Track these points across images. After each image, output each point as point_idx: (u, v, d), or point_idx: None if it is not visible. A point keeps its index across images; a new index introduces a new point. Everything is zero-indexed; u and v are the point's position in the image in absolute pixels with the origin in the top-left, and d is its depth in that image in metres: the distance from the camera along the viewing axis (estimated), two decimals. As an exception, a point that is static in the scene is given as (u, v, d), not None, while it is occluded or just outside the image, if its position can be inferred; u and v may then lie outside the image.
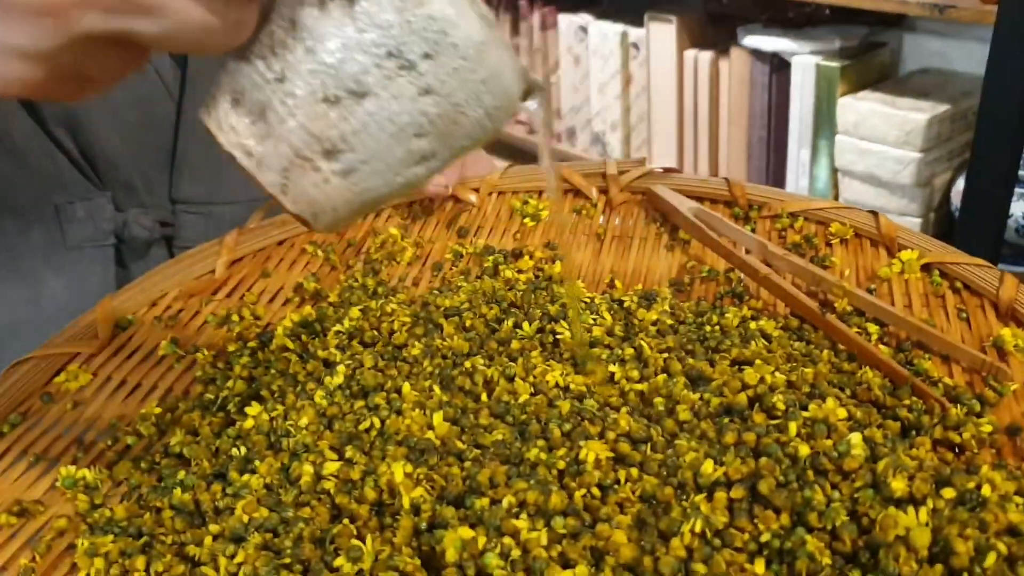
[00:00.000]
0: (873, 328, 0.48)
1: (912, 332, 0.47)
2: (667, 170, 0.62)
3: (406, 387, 0.44)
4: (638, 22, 1.76)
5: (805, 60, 1.55)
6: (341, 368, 0.46)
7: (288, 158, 0.30)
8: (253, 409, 0.44)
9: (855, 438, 0.37)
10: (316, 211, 0.31)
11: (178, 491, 0.40)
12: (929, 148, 1.45)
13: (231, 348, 0.51)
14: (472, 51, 0.29)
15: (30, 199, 0.58)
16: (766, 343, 0.46)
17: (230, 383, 0.47)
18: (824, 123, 1.57)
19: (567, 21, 1.88)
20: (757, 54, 1.63)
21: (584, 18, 1.85)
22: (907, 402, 0.42)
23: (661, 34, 1.73)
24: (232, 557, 0.37)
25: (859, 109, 1.50)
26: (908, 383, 0.43)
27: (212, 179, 0.62)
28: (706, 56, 1.70)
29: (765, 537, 0.35)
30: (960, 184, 1.44)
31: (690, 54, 1.72)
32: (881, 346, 0.46)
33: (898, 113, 1.45)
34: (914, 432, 0.41)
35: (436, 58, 0.29)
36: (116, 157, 0.58)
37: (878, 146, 1.48)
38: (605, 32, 1.82)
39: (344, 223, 0.33)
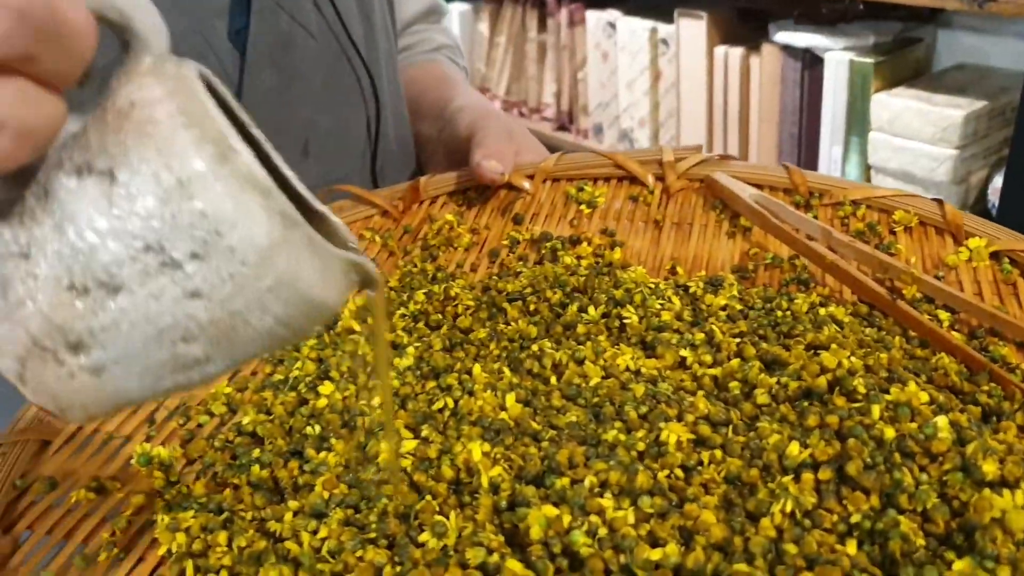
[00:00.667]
0: (944, 315, 0.47)
1: (984, 319, 0.47)
2: (723, 157, 0.62)
3: (476, 368, 0.44)
4: (667, 18, 1.75)
5: (838, 56, 1.54)
6: (411, 350, 0.46)
7: (25, 345, 0.25)
8: (326, 388, 0.44)
9: (941, 421, 0.37)
10: (62, 406, 0.26)
11: (256, 468, 0.41)
12: (965, 145, 1.44)
13: (297, 330, 0.51)
14: (253, 256, 0.24)
15: None
16: (838, 328, 0.46)
17: (299, 364, 0.47)
18: (857, 120, 1.56)
19: (595, 18, 1.88)
20: (789, 50, 1.62)
21: (612, 14, 1.84)
22: (986, 388, 0.42)
23: (691, 30, 1.72)
24: (315, 532, 0.37)
25: (893, 106, 1.48)
26: (986, 369, 0.43)
27: None
28: (737, 52, 1.69)
29: (855, 518, 0.35)
30: (997, 181, 1.43)
31: (720, 50, 1.71)
32: (954, 333, 0.46)
33: (934, 109, 1.44)
34: (995, 418, 0.40)
35: (206, 260, 0.24)
36: None
37: (913, 143, 1.47)
38: (634, 28, 1.81)
39: (103, 417, 0.28)
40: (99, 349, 0.25)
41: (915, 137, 1.47)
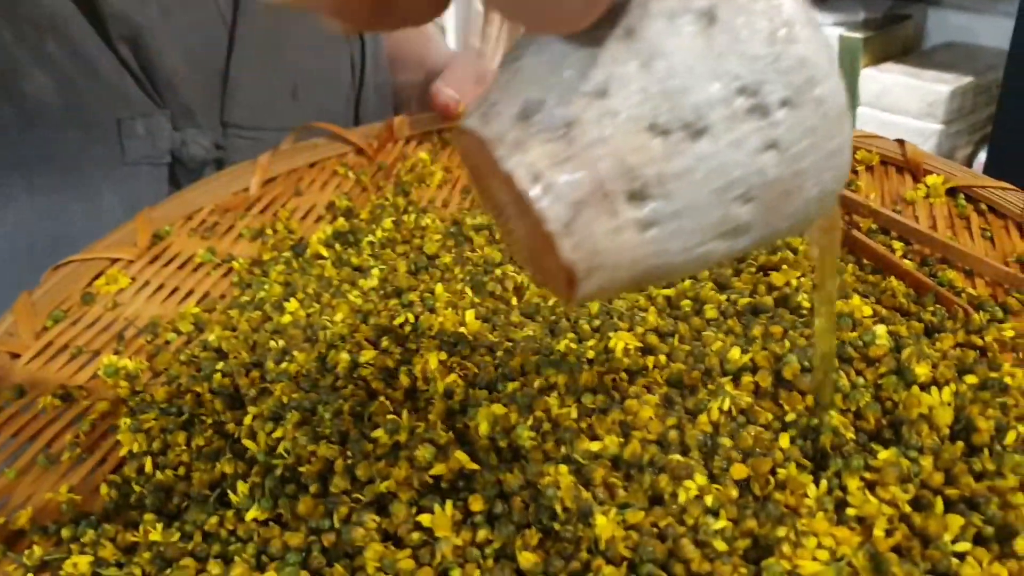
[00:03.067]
0: (898, 245, 0.48)
1: (936, 248, 0.48)
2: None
3: (439, 288, 0.45)
4: (660, -6, 1.76)
5: (828, 31, 1.55)
6: (375, 272, 0.48)
7: (588, 189, 0.23)
8: (291, 305, 0.45)
9: (880, 329, 0.38)
10: (594, 265, 0.24)
11: (218, 376, 0.42)
12: (951, 120, 1.45)
13: (266, 257, 0.52)
14: (834, 111, 0.23)
15: (96, 113, 0.59)
16: (792, 254, 0.47)
17: (266, 287, 0.48)
18: (846, 94, 1.57)
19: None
20: (780, 26, 1.63)
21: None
22: (931, 308, 0.43)
23: (683, 6, 1.73)
24: (271, 433, 0.38)
25: (882, 81, 1.49)
26: (932, 291, 0.44)
27: (262, 106, 0.64)
28: (728, 28, 1.70)
29: (790, 417, 0.36)
30: (982, 157, 1.44)
31: (712, 26, 1.72)
32: (905, 261, 0.47)
33: (921, 84, 1.45)
34: (936, 333, 0.42)
35: (795, 109, 0.23)
36: (174, 77, 0.59)
37: (900, 118, 1.48)
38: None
39: (605, 294, 0.26)
40: (659, 200, 0.23)
41: (902, 112, 1.48)
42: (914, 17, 1.61)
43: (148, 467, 0.38)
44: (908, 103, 1.47)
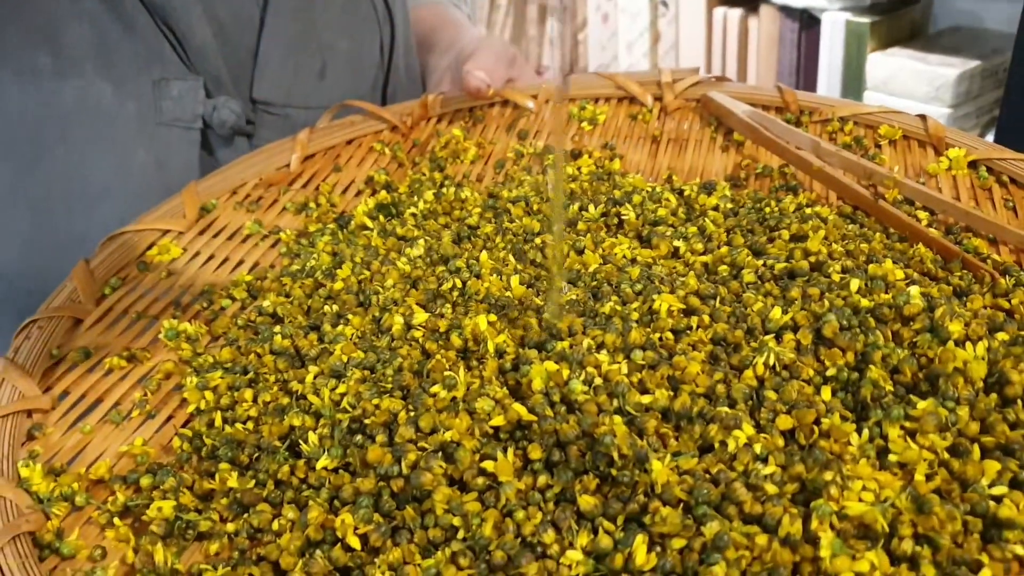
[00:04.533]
0: (923, 215, 0.50)
1: (960, 217, 0.49)
2: (719, 79, 0.65)
3: (483, 256, 0.47)
4: (669, -21, 1.77)
5: (835, 16, 1.57)
6: (421, 241, 0.49)
7: None
8: (343, 271, 0.47)
9: (914, 290, 0.40)
10: None
11: (278, 338, 0.44)
12: (958, 104, 1.47)
13: (312, 228, 0.54)
14: None
15: (131, 70, 0.60)
16: (823, 223, 0.49)
17: (315, 256, 0.50)
18: (853, 79, 1.58)
19: (597, -22, 1.90)
20: (786, 11, 1.64)
21: (614, -25, 1.86)
22: (958, 274, 0.45)
23: (691, -9, 1.75)
24: (334, 390, 0.40)
25: (889, 65, 1.51)
26: (959, 257, 0.46)
27: (290, 83, 0.65)
28: (735, 13, 1.71)
29: (831, 372, 0.38)
30: (989, 139, 1.45)
31: (719, 11, 1.73)
32: (931, 230, 0.49)
33: (928, 68, 1.46)
34: (965, 296, 0.43)
35: None
36: (206, 49, 0.61)
37: (907, 102, 1.50)
38: (635, -11, 1.83)
39: None
40: None
41: (909, 96, 1.50)
42: (921, 1, 1.63)
43: (218, 422, 0.39)
44: (915, 87, 1.48)
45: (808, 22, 1.63)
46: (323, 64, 0.67)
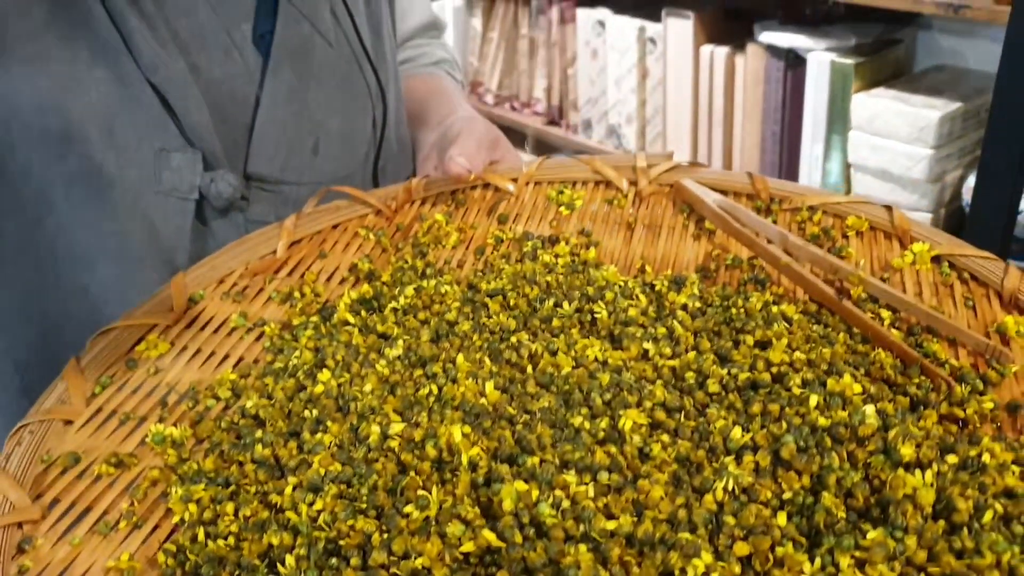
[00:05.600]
0: (886, 314, 0.52)
1: (922, 318, 0.51)
2: (693, 164, 0.67)
3: (460, 358, 0.49)
4: (655, 17, 1.79)
5: (820, 57, 1.59)
6: (400, 341, 0.51)
7: None
8: (323, 375, 0.49)
9: (869, 409, 0.42)
10: None
11: (259, 447, 0.45)
12: (941, 145, 1.49)
13: (296, 321, 0.56)
14: None
15: (134, 139, 0.62)
16: (787, 325, 0.50)
17: (297, 353, 0.52)
18: (838, 119, 1.60)
19: (585, 15, 1.92)
20: (773, 50, 1.66)
21: (602, 13, 1.88)
22: (916, 380, 0.47)
23: (678, 29, 1.77)
24: (312, 504, 0.41)
25: (873, 106, 1.53)
26: (917, 363, 0.48)
27: (284, 160, 0.67)
28: (722, 52, 1.73)
29: (788, 495, 0.39)
30: (971, 180, 1.47)
31: (706, 49, 1.75)
32: (893, 330, 0.51)
33: (911, 110, 1.48)
34: (922, 407, 0.45)
35: None
36: (202, 127, 0.63)
37: (891, 142, 1.52)
38: (622, 27, 1.85)
39: None
40: None
41: (893, 136, 1.52)
42: (904, 41, 1.65)
43: (200, 537, 0.41)
44: (899, 128, 1.51)
45: (794, 61, 1.65)
46: (316, 141, 0.69)
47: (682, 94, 1.81)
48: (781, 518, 0.38)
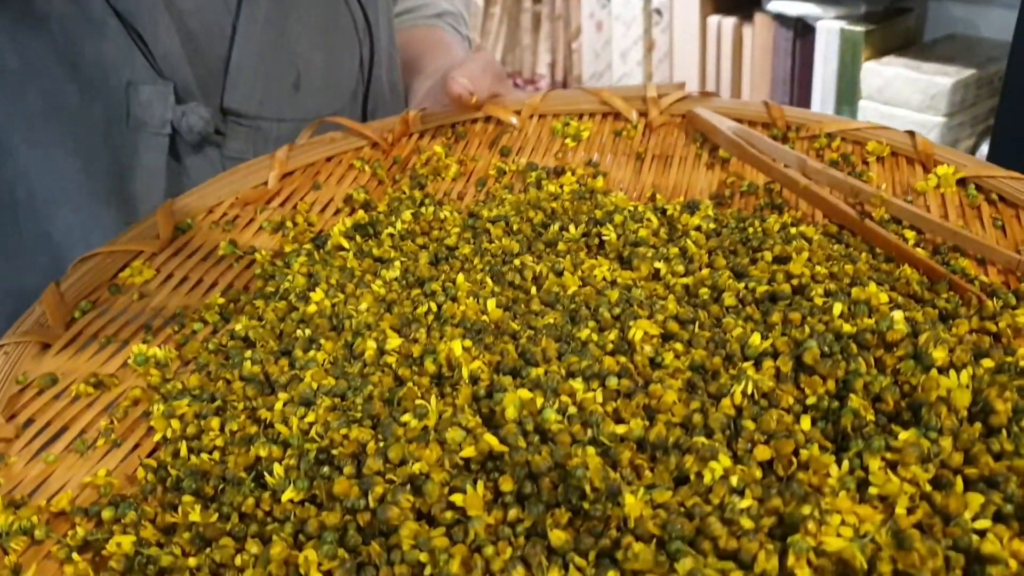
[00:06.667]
0: (910, 234, 0.49)
1: (948, 237, 0.49)
2: (704, 94, 0.64)
3: (460, 278, 0.46)
4: (663, -12, 1.77)
5: (830, 25, 1.56)
6: (397, 263, 0.48)
7: None
8: (316, 295, 0.46)
9: (898, 315, 0.39)
10: None
11: (248, 364, 0.43)
12: (953, 113, 1.46)
13: (288, 249, 0.53)
14: None
15: (99, 73, 0.59)
16: (807, 244, 0.48)
17: (289, 278, 0.49)
18: (847, 88, 1.57)
19: (591, -12, 1.89)
20: (781, 19, 1.64)
21: (608, -16, 1.86)
22: (945, 296, 0.44)
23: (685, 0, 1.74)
24: (303, 418, 0.39)
25: (883, 74, 1.50)
26: (946, 279, 0.45)
27: (263, 94, 0.64)
28: (729, 22, 1.70)
29: (811, 400, 0.37)
30: (984, 149, 1.45)
31: (713, 20, 1.72)
32: (918, 249, 0.48)
33: (923, 77, 1.46)
34: (951, 320, 0.42)
35: None
36: (174, 57, 0.60)
37: (902, 111, 1.49)
38: (629, -2, 1.83)
39: None
40: None
41: (904, 105, 1.49)
42: (915, 10, 1.62)
43: (183, 451, 0.38)
44: (910, 96, 1.48)
45: (802, 31, 1.62)
46: (297, 76, 0.66)
47: (689, 66, 1.78)
48: (805, 422, 0.36)
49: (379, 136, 0.63)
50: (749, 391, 0.37)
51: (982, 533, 0.31)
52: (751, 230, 0.49)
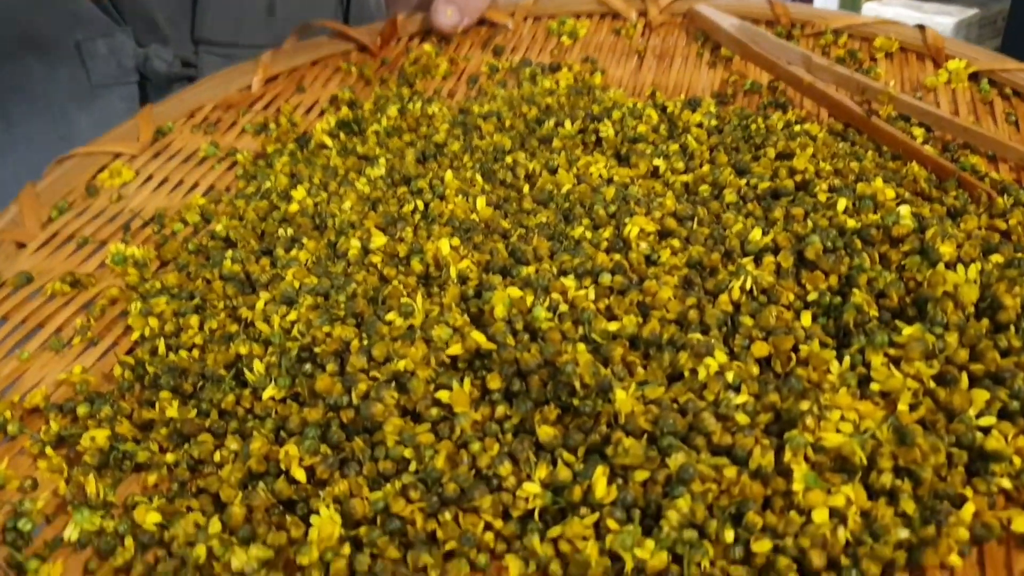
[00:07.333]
0: (918, 131, 0.47)
1: (958, 134, 0.46)
2: (708, -8, 0.61)
3: (448, 175, 0.44)
4: None
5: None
6: (382, 160, 0.46)
7: None
8: (298, 193, 0.44)
9: (904, 209, 0.37)
10: None
11: (228, 262, 0.41)
12: (957, 50, 1.42)
13: (270, 149, 0.51)
14: None
15: (52, 37, 0.57)
16: (812, 141, 0.46)
17: (271, 178, 0.47)
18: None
19: None
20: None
21: None
22: (953, 193, 0.42)
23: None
24: (284, 317, 0.37)
25: (884, 14, 1.45)
26: (955, 176, 0.43)
27: (236, 20, 0.62)
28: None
29: (812, 296, 0.35)
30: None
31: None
32: (927, 147, 0.46)
33: (924, 17, 1.41)
34: (960, 216, 0.41)
35: None
36: None
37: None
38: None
39: None
40: None
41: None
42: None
43: (162, 349, 0.37)
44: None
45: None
46: (271, 0, 0.63)
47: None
48: (805, 318, 0.34)
49: (368, 39, 0.60)
50: (748, 287, 0.35)
51: (986, 430, 0.30)
52: (754, 127, 0.47)
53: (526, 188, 0.45)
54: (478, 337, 0.34)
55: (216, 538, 0.30)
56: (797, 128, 0.47)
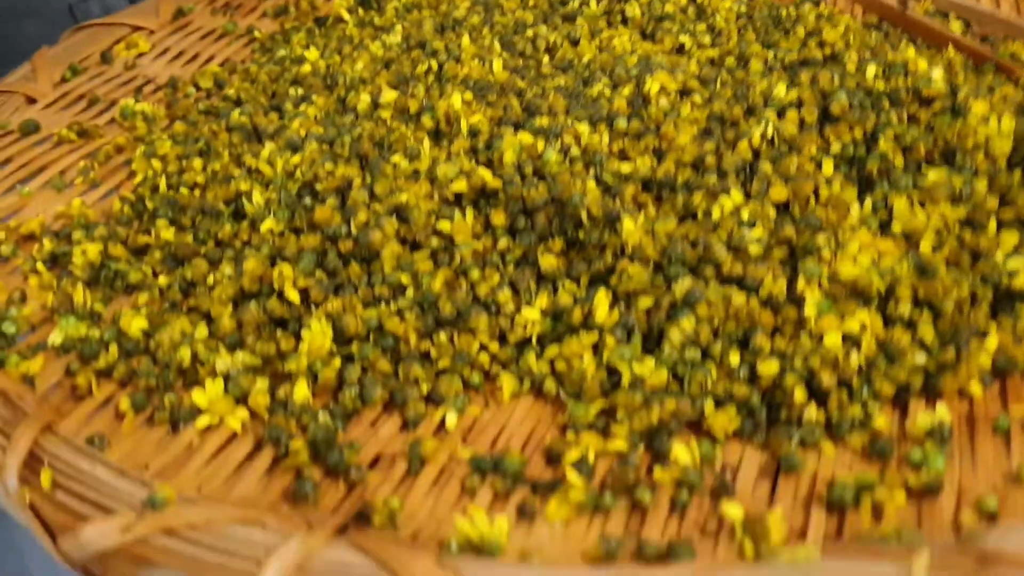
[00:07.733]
0: (956, 26, 0.45)
1: (999, 28, 0.44)
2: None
3: (465, 40, 0.43)
4: None
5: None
6: (399, 27, 0.45)
7: None
8: (311, 54, 0.43)
9: (936, 72, 0.36)
10: None
11: (235, 113, 0.40)
12: None
13: (288, 25, 0.50)
14: None
15: (48, 1, 0.56)
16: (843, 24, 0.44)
17: (286, 49, 0.46)
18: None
19: None
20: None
21: None
22: (990, 77, 0.40)
23: None
24: (288, 160, 0.36)
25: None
26: (992, 61, 0.41)
27: None
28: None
29: (835, 148, 0.33)
30: None
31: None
32: (964, 38, 0.44)
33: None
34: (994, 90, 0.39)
35: None
36: None
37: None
38: None
39: None
40: None
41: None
42: None
43: (163, 187, 0.36)
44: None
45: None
46: None
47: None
48: (827, 166, 0.32)
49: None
50: (769, 135, 0.33)
51: (1013, 274, 0.28)
52: (784, 13, 0.45)
53: (546, 59, 0.43)
54: (484, 174, 0.33)
55: (202, 343, 0.29)
56: (828, 15, 0.45)
